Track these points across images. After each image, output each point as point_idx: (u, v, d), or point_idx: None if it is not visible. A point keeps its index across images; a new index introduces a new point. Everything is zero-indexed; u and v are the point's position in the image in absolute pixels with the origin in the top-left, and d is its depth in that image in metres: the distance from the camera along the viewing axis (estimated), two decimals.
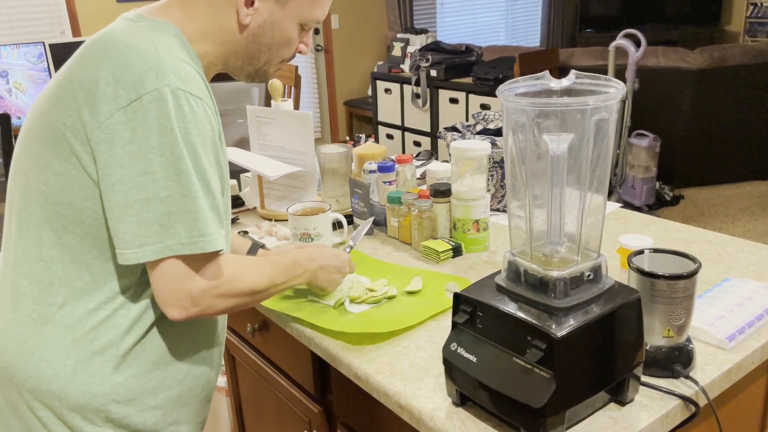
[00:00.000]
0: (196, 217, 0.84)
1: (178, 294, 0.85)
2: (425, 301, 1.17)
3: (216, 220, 0.87)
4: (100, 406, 0.91)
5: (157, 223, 0.82)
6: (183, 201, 0.83)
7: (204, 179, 0.86)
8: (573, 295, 0.81)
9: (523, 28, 6.62)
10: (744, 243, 1.34)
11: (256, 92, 3.28)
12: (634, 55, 3.45)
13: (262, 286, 0.98)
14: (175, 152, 0.82)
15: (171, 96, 0.82)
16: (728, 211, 3.87)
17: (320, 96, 5.48)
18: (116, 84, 0.82)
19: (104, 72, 0.83)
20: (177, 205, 0.82)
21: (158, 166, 0.82)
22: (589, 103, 0.75)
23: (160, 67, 0.83)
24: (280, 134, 1.61)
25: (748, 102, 4.09)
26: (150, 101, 0.81)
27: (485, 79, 4.14)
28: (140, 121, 0.81)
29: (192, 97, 0.84)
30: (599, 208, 0.82)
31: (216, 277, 0.88)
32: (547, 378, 0.77)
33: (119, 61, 0.83)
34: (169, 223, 0.82)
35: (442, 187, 1.40)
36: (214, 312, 0.90)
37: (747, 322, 1.00)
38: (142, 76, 0.82)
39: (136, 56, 0.84)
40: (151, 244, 0.82)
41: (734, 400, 1.06)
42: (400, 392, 0.93)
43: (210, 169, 0.87)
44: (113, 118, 0.81)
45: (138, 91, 0.81)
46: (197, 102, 0.85)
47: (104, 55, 0.85)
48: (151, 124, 0.81)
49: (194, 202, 0.84)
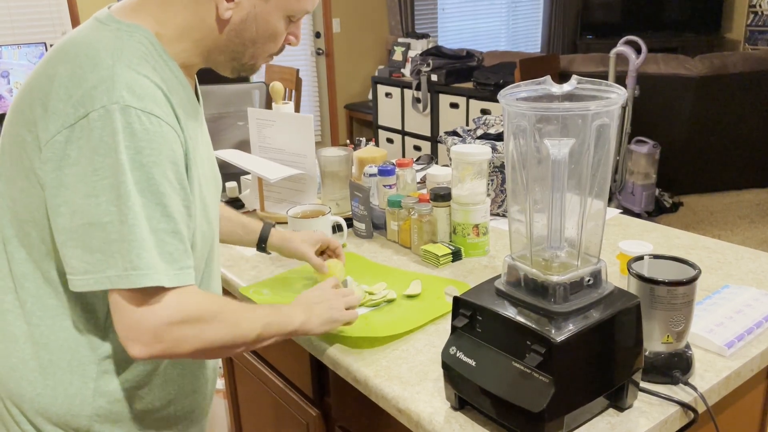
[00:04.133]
0: (130, 248, 0.77)
1: (138, 328, 0.79)
2: (424, 304, 1.17)
3: (164, 250, 0.79)
4: (83, 426, 0.89)
5: (99, 251, 0.77)
6: (121, 228, 0.77)
7: (159, 203, 0.79)
8: (573, 300, 0.81)
9: (523, 33, 6.63)
10: (743, 250, 1.34)
11: (256, 94, 3.28)
12: (635, 62, 3.45)
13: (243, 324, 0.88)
14: (118, 174, 0.76)
15: (119, 113, 0.76)
16: (727, 219, 3.87)
17: (321, 99, 5.49)
18: (67, 100, 0.78)
19: (56, 85, 0.79)
20: (116, 232, 0.77)
21: (101, 189, 0.76)
22: (591, 108, 0.75)
23: (113, 81, 0.78)
24: (280, 137, 1.61)
25: (748, 110, 4.10)
26: (96, 119, 0.76)
27: (486, 84, 4.14)
28: (86, 141, 0.76)
29: (145, 114, 0.78)
30: (599, 213, 0.82)
31: (179, 310, 0.81)
32: (546, 383, 0.77)
33: (74, 74, 0.79)
34: (110, 252, 0.77)
35: (442, 191, 1.40)
36: (183, 351, 0.82)
37: (746, 329, 1.00)
38: (92, 91, 0.77)
39: (91, 69, 0.78)
40: (94, 272, 0.78)
41: (733, 407, 1.06)
42: (398, 396, 0.93)
43: (170, 191, 0.80)
44: (60, 136, 0.77)
45: (86, 108, 0.77)
46: (151, 119, 0.79)
47: (62, 65, 0.80)
48: (96, 144, 0.76)
49: (131, 230, 0.77)
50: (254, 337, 0.89)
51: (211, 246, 0.98)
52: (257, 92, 3.32)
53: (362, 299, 1.19)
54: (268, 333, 0.91)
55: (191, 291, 0.83)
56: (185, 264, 0.82)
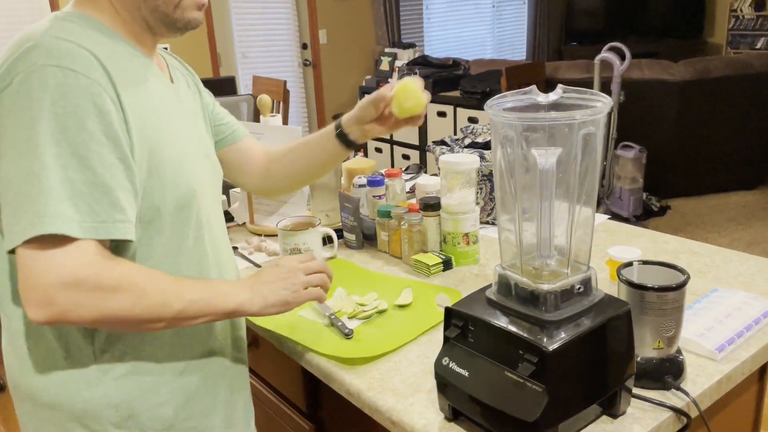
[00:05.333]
0: (37, 197, 0.75)
1: (34, 289, 0.75)
2: (416, 315, 1.17)
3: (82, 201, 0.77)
4: (98, 412, 0.89)
5: (11, 206, 0.77)
6: (28, 179, 0.76)
7: (78, 154, 0.77)
8: (564, 308, 0.81)
9: (509, 41, 6.68)
10: (731, 253, 1.35)
11: (244, 107, 3.28)
12: (619, 68, 3.49)
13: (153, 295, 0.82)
14: (30, 128, 0.76)
15: (36, 73, 0.77)
16: (715, 221, 3.90)
17: (309, 110, 5.49)
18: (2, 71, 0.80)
19: None
20: (25, 185, 0.76)
21: (14, 145, 0.77)
22: (577, 117, 0.76)
23: (34, 48, 0.79)
24: None
25: (731, 113, 4.15)
26: (17, 83, 0.78)
27: (473, 92, 4.17)
28: (8, 107, 0.78)
29: (60, 69, 0.78)
30: (588, 220, 0.83)
31: (78, 270, 0.76)
32: (540, 392, 0.77)
33: (8, 54, 0.81)
34: (18, 206, 0.76)
35: (432, 200, 1.41)
36: (79, 316, 0.77)
37: (736, 333, 1.01)
38: (16, 62, 0.79)
39: (18, 47, 0.81)
40: (8, 231, 0.77)
41: (725, 411, 1.07)
42: (392, 408, 0.93)
43: (90, 142, 0.78)
44: None
45: (11, 76, 0.79)
46: (66, 73, 0.78)
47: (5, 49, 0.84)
48: (11, 106, 0.78)
49: (38, 180, 0.75)
50: (174, 313, 0.83)
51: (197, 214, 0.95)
52: (245, 104, 3.32)
53: (354, 310, 1.19)
54: (193, 310, 0.85)
55: (99, 253, 0.78)
56: (112, 218, 0.79)
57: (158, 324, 0.84)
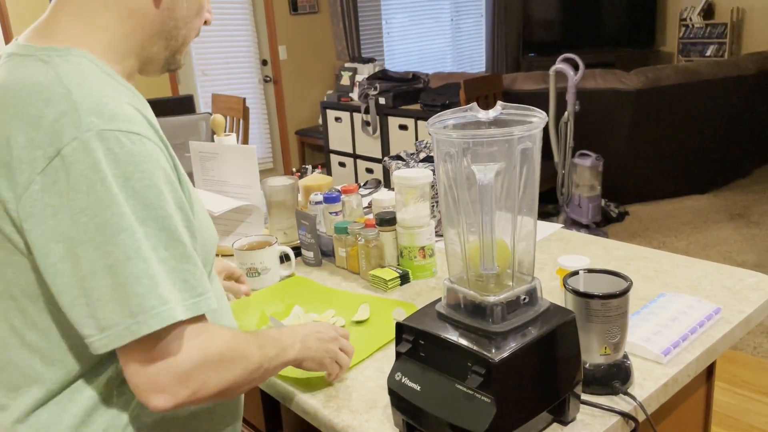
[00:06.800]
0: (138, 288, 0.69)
1: (161, 377, 0.70)
2: (372, 331, 1.17)
3: (178, 278, 0.72)
4: None
5: (111, 301, 0.68)
6: (126, 267, 0.68)
7: (163, 228, 0.71)
8: (510, 319, 0.83)
9: (468, 54, 6.78)
10: (679, 258, 1.39)
11: (204, 126, 3.26)
12: (573, 79, 3.57)
13: (256, 359, 0.81)
14: (111, 208, 0.68)
15: (96, 141, 0.68)
16: (671, 225, 4.00)
17: (271, 126, 5.48)
18: (30, 145, 0.69)
19: (14, 133, 0.70)
20: (122, 274, 0.68)
21: (94, 231, 0.67)
22: (514, 133, 0.78)
23: (76, 109, 0.69)
24: (224, 169, 1.60)
25: (683, 120, 4.27)
26: (70, 154, 0.67)
27: (433, 105, 4.21)
28: (64, 182, 0.67)
29: (124, 134, 0.69)
30: (530, 233, 0.85)
31: (203, 350, 0.73)
32: (488, 402, 0.78)
33: (28, 116, 0.69)
34: (121, 299, 0.68)
35: (388, 215, 1.42)
36: (207, 393, 0.74)
37: (681, 336, 1.04)
38: (56, 126, 0.68)
39: (45, 105, 0.69)
40: (112, 327, 0.68)
41: (675, 413, 1.10)
42: (348, 425, 0.93)
43: (172, 213, 0.72)
44: (34, 185, 0.68)
45: (55, 146, 0.68)
46: (132, 139, 0.70)
47: (7, 112, 0.71)
48: (77, 182, 0.67)
49: (136, 266, 0.68)
50: (262, 372, 0.83)
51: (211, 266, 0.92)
52: (204, 123, 3.30)
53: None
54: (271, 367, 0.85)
55: (209, 326, 0.76)
56: (203, 288, 0.74)
57: (254, 384, 0.84)
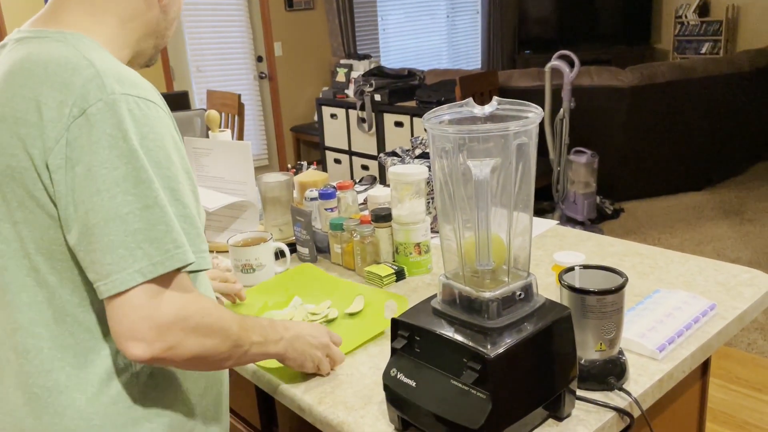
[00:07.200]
0: (160, 231, 0.74)
1: (141, 325, 0.74)
2: (363, 323, 1.18)
3: (189, 232, 0.78)
4: None
5: (122, 246, 0.73)
6: (145, 215, 0.74)
7: (171, 187, 0.77)
8: (506, 315, 0.83)
9: (464, 51, 6.78)
10: (674, 254, 1.39)
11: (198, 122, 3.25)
12: (569, 76, 3.57)
13: (236, 335, 0.84)
14: (132, 161, 0.74)
15: (121, 103, 0.75)
16: (666, 222, 4.01)
17: (266, 123, 5.47)
18: (59, 106, 0.75)
19: (43, 97, 0.76)
20: (140, 221, 0.74)
21: (112, 182, 0.73)
22: (510, 128, 0.77)
23: (100, 76, 0.76)
24: (219, 165, 1.59)
25: (678, 116, 4.28)
26: (95, 113, 0.74)
27: (428, 102, 4.21)
28: (87, 138, 0.74)
29: (142, 100, 0.78)
30: (526, 228, 0.85)
31: (186, 307, 0.77)
32: (484, 398, 0.78)
33: (56, 83, 0.76)
34: (135, 244, 0.73)
35: (383, 212, 1.41)
36: (180, 354, 0.77)
37: (676, 332, 1.04)
38: (83, 91, 0.75)
39: (72, 73, 0.77)
40: (118, 271, 0.73)
41: (669, 409, 1.10)
42: (343, 422, 0.93)
43: (178, 174, 0.79)
44: (62, 140, 0.75)
45: (81, 106, 0.75)
46: (148, 105, 0.78)
47: (35, 80, 0.77)
48: (99, 137, 0.74)
49: (162, 212, 0.75)
50: (241, 354, 0.85)
51: None
52: (199, 119, 3.28)
53: (303, 319, 1.19)
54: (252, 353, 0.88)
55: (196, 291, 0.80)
56: (201, 249, 0.79)
57: (229, 363, 0.85)
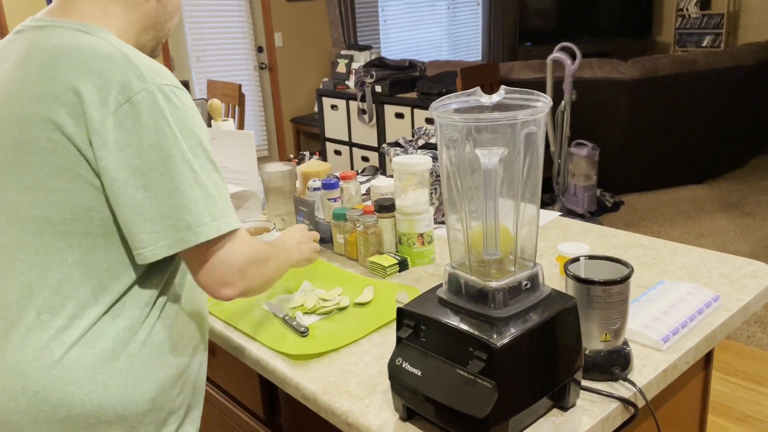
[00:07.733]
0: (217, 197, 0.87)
1: (227, 271, 0.88)
2: (373, 312, 1.18)
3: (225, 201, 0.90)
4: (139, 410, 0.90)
5: (169, 217, 0.84)
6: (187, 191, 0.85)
7: (209, 159, 0.88)
8: (512, 304, 0.83)
9: (465, 42, 6.75)
10: (677, 246, 1.39)
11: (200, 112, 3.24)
12: (570, 68, 3.56)
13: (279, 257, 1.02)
14: (174, 145, 0.84)
15: (159, 93, 0.84)
16: (666, 215, 4.01)
17: (266, 114, 5.45)
18: (100, 92, 0.83)
19: (81, 83, 0.84)
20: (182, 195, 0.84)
21: (158, 162, 0.83)
22: (518, 117, 0.77)
23: (137, 67, 0.85)
24: (222, 154, 1.59)
25: (679, 110, 4.27)
26: (140, 101, 0.83)
27: (429, 93, 4.19)
28: (133, 123, 0.83)
29: (177, 89, 0.87)
30: (533, 218, 0.85)
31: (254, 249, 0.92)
32: (490, 388, 0.78)
33: (96, 73, 0.84)
34: (179, 215, 0.84)
35: (386, 202, 1.41)
36: (256, 284, 0.93)
37: (680, 323, 1.04)
38: (124, 80, 0.84)
39: (107, 62, 0.85)
40: (166, 238, 0.84)
41: (673, 399, 1.10)
42: (347, 410, 0.93)
43: (210, 152, 0.90)
44: (107, 122, 0.83)
45: (126, 94, 0.83)
46: (183, 93, 0.88)
47: (74, 65, 0.85)
48: (145, 122, 0.83)
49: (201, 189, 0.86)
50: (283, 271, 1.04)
51: None
52: (199, 109, 3.28)
53: (315, 306, 1.20)
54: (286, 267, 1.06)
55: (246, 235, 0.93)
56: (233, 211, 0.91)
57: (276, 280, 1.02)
